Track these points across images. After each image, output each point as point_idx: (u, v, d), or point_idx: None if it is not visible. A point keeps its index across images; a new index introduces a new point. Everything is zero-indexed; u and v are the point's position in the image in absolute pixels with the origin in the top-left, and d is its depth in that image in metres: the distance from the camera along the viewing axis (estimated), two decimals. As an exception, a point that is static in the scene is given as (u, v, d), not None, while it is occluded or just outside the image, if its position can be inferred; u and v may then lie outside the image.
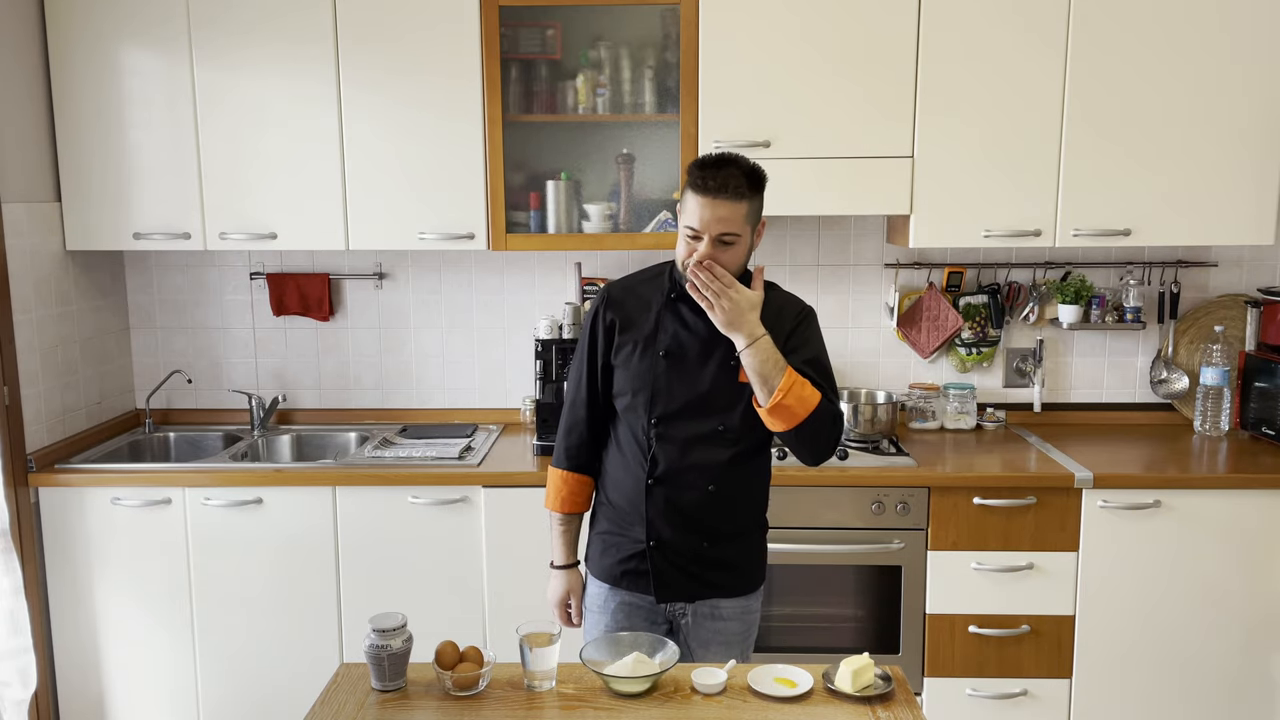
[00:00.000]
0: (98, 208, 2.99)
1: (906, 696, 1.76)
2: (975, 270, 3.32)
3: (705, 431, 2.03)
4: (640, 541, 2.08)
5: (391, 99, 2.91)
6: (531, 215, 3.06)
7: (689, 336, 2.04)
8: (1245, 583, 2.79)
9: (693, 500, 2.05)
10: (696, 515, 2.06)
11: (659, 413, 2.03)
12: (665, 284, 2.09)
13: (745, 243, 1.98)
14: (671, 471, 2.04)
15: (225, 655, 2.91)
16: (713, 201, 1.90)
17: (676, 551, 2.07)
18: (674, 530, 2.06)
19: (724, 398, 2.02)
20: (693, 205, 1.93)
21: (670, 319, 2.06)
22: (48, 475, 2.84)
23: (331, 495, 2.84)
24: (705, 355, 2.03)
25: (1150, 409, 3.37)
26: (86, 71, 2.93)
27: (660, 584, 2.08)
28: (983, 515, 2.78)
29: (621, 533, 2.11)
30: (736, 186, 1.91)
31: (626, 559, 2.10)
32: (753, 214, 1.97)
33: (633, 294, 2.11)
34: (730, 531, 2.10)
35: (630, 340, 2.07)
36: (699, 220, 1.92)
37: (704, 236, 1.92)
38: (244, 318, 3.39)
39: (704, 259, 1.92)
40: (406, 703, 1.76)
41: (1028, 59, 2.84)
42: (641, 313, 2.08)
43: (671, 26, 2.96)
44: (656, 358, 2.04)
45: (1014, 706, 2.85)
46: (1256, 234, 2.91)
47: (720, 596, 2.11)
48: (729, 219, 1.91)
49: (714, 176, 1.90)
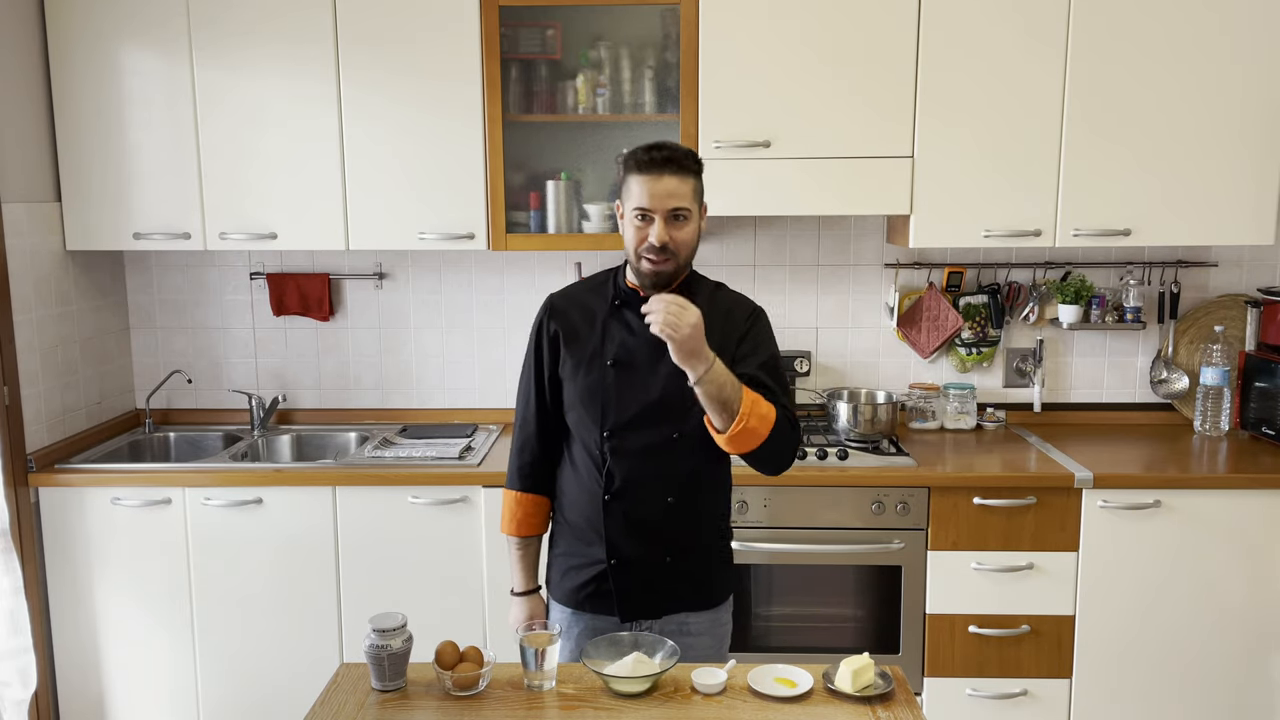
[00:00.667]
0: (98, 208, 3.00)
1: (906, 696, 1.76)
2: (975, 270, 3.32)
3: (660, 441, 1.96)
4: (601, 561, 2.00)
5: (392, 99, 2.91)
6: (531, 215, 3.06)
7: (636, 343, 1.97)
8: (1245, 583, 2.79)
9: (652, 513, 1.98)
10: (657, 529, 1.99)
11: (611, 424, 1.97)
12: (609, 291, 2.03)
13: (696, 222, 1.93)
14: (629, 485, 1.97)
15: (225, 655, 2.91)
16: (659, 177, 1.86)
17: (639, 568, 2.00)
18: (635, 546, 1.99)
19: (678, 404, 1.93)
20: (638, 186, 1.88)
21: (616, 326, 2.00)
22: (48, 475, 2.84)
23: (331, 495, 2.84)
24: (655, 361, 1.95)
25: (1150, 409, 3.37)
26: (86, 71, 2.93)
27: (624, 603, 2.01)
28: (983, 515, 2.78)
29: (581, 553, 2.04)
30: (681, 160, 1.87)
31: (588, 581, 2.03)
32: (699, 193, 1.93)
33: (576, 303, 2.05)
34: (693, 543, 2.03)
35: (576, 351, 2.01)
36: (648, 197, 1.86)
37: (655, 216, 1.87)
38: (244, 318, 3.39)
39: (661, 240, 1.87)
40: (406, 703, 1.76)
41: (1028, 59, 2.84)
42: (586, 322, 2.02)
43: (671, 26, 2.96)
44: (605, 368, 1.98)
45: (1014, 706, 2.85)
46: (1256, 234, 2.91)
47: (687, 610, 2.04)
48: (678, 192, 1.87)
49: (657, 153, 1.87)
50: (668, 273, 1.93)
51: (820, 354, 3.37)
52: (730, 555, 2.14)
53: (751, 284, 3.32)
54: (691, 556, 2.04)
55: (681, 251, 1.92)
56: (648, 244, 1.90)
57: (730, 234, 3.31)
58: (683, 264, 1.95)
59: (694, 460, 1.98)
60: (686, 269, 1.99)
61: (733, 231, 3.31)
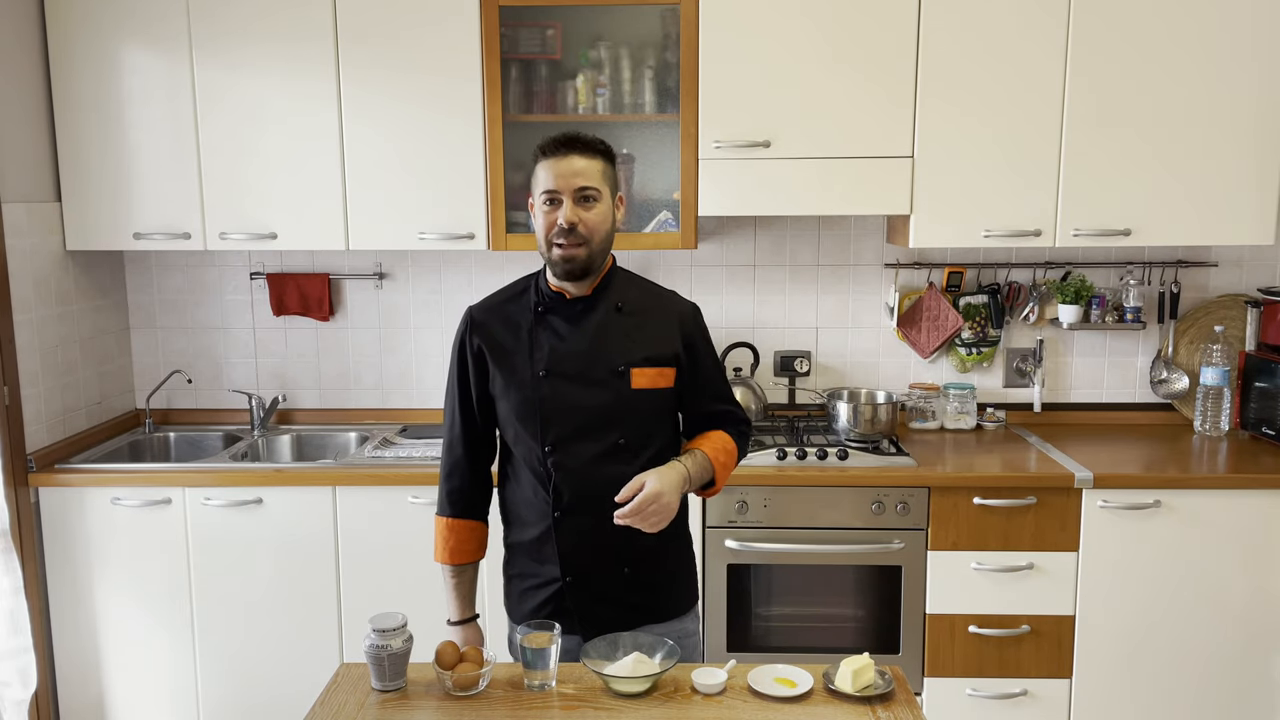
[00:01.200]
0: (98, 208, 3.00)
1: (906, 696, 1.76)
2: (975, 270, 3.32)
3: (605, 448, 1.90)
4: (556, 579, 1.94)
5: (391, 98, 2.91)
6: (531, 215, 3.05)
7: (567, 350, 1.91)
8: (1245, 583, 2.79)
9: (606, 525, 1.86)
10: (612, 540, 1.90)
11: (552, 438, 1.90)
12: (531, 298, 1.96)
13: (607, 205, 1.88)
14: (578, 498, 1.91)
15: (225, 655, 2.91)
16: (564, 158, 1.84)
17: (596, 583, 1.94)
18: (591, 560, 1.93)
19: (618, 409, 1.90)
20: (544, 171, 1.86)
21: (544, 334, 1.93)
22: (48, 475, 2.84)
23: (331, 495, 2.84)
24: (589, 368, 1.90)
25: (1150, 409, 3.37)
26: (86, 71, 2.93)
27: (585, 621, 1.94)
28: (983, 515, 2.78)
29: (535, 572, 1.98)
30: (585, 142, 1.86)
31: (545, 600, 1.97)
32: (609, 177, 1.89)
33: (498, 315, 1.98)
34: (651, 550, 1.95)
35: (505, 366, 1.94)
36: (553, 179, 1.84)
37: (562, 197, 1.83)
38: (244, 318, 3.39)
39: (569, 221, 1.82)
40: (406, 703, 1.76)
41: (1028, 59, 2.84)
42: (511, 334, 1.95)
43: (671, 26, 2.96)
44: (537, 380, 1.90)
45: (1014, 706, 2.85)
46: (1256, 234, 2.91)
47: (652, 622, 1.97)
48: (584, 171, 1.84)
49: (563, 139, 1.86)
50: (580, 259, 1.86)
51: (820, 354, 3.37)
52: (692, 560, 2.09)
53: (751, 284, 3.32)
54: (652, 565, 1.98)
55: (594, 235, 1.86)
56: (556, 227, 1.84)
57: (730, 234, 3.32)
58: (596, 249, 1.88)
59: (642, 464, 1.91)
60: (603, 258, 1.93)
61: (733, 231, 3.31)
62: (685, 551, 2.08)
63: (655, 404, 1.95)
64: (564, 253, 1.86)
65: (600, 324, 1.94)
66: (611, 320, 1.94)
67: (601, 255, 1.91)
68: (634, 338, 1.94)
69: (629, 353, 1.92)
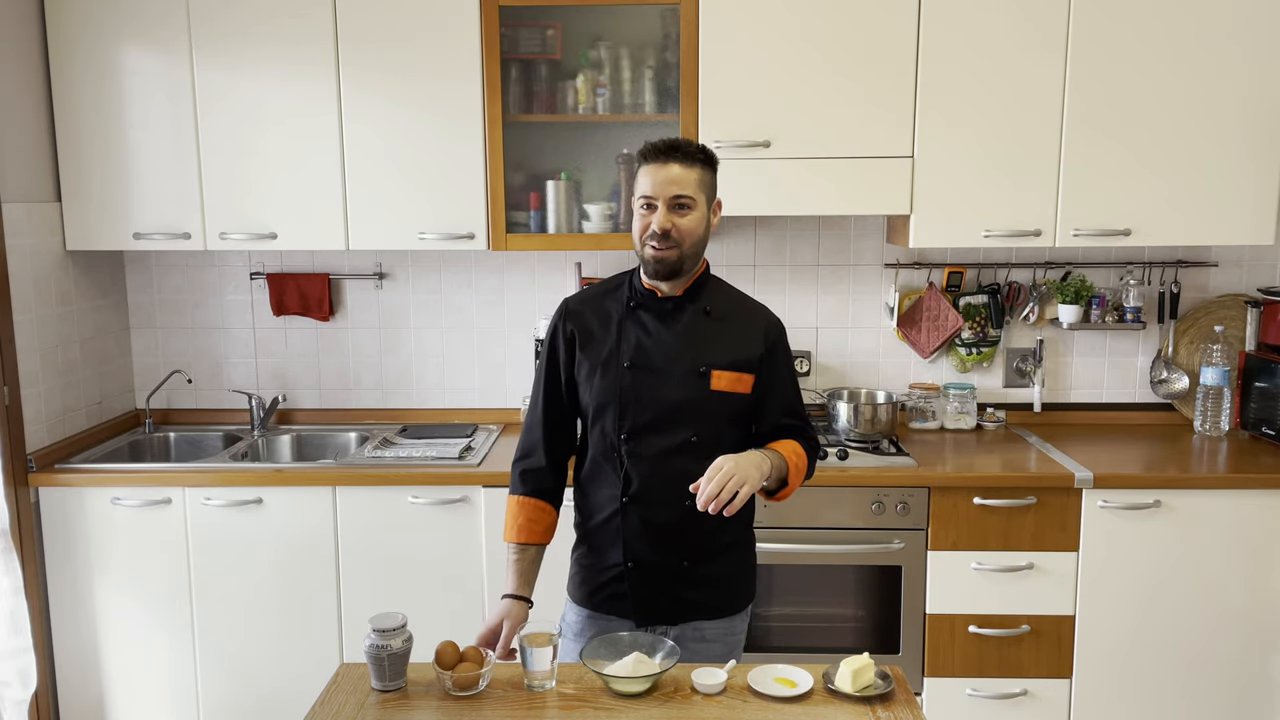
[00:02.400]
0: (98, 208, 3.00)
1: (906, 696, 1.76)
2: (975, 270, 3.32)
3: (678, 444, 1.95)
4: (618, 564, 1.99)
5: (391, 99, 2.91)
6: (531, 215, 3.06)
7: (653, 345, 1.97)
8: (1245, 583, 2.79)
9: (670, 517, 1.96)
10: (675, 532, 1.97)
11: (628, 427, 1.96)
12: (625, 294, 2.03)
13: (702, 213, 1.93)
14: (646, 488, 1.96)
15: (225, 655, 2.91)
16: (663, 165, 1.89)
17: (656, 572, 1.99)
18: (652, 549, 1.98)
19: (695, 407, 1.95)
20: (644, 177, 1.91)
21: (632, 328, 1.99)
22: (48, 475, 2.84)
23: (331, 495, 2.84)
24: (672, 364, 1.96)
25: (1150, 409, 3.37)
26: (86, 71, 2.93)
27: (640, 606, 2.00)
28: (983, 515, 2.78)
29: (599, 556, 2.03)
30: (687, 151, 1.90)
31: (604, 583, 2.02)
32: (706, 185, 1.94)
33: (592, 306, 2.04)
34: (712, 547, 2.01)
35: (593, 353, 2.00)
36: (651, 186, 1.89)
37: (658, 203, 1.89)
38: (244, 318, 3.39)
39: (662, 227, 1.88)
40: (406, 703, 1.76)
41: (1028, 59, 2.84)
42: (602, 324, 2.01)
43: (671, 26, 2.96)
44: (621, 369, 1.96)
45: (1014, 706, 2.85)
46: (1256, 234, 2.91)
47: (703, 618, 2.03)
48: (681, 180, 1.89)
49: (664, 145, 1.91)
50: (671, 260, 1.92)
51: (820, 354, 3.37)
52: (753, 561, 2.13)
53: (752, 284, 3.32)
54: (711, 561, 2.02)
55: (686, 240, 1.91)
56: (650, 230, 1.90)
57: (730, 234, 3.31)
58: (688, 253, 1.93)
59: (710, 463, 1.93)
60: (696, 262, 1.98)
61: (733, 231, 3.31)
62: (747, 553, 2.12)
63: (731, 407, 1.99)
64: (656, 254, 1.91)
65: (688, 324, 1.99)
66: (699, 322, 1.99)
67: (694, 258, 1.96)
68: (719, 341, 1.99)
69: (712, 354, 1.97)
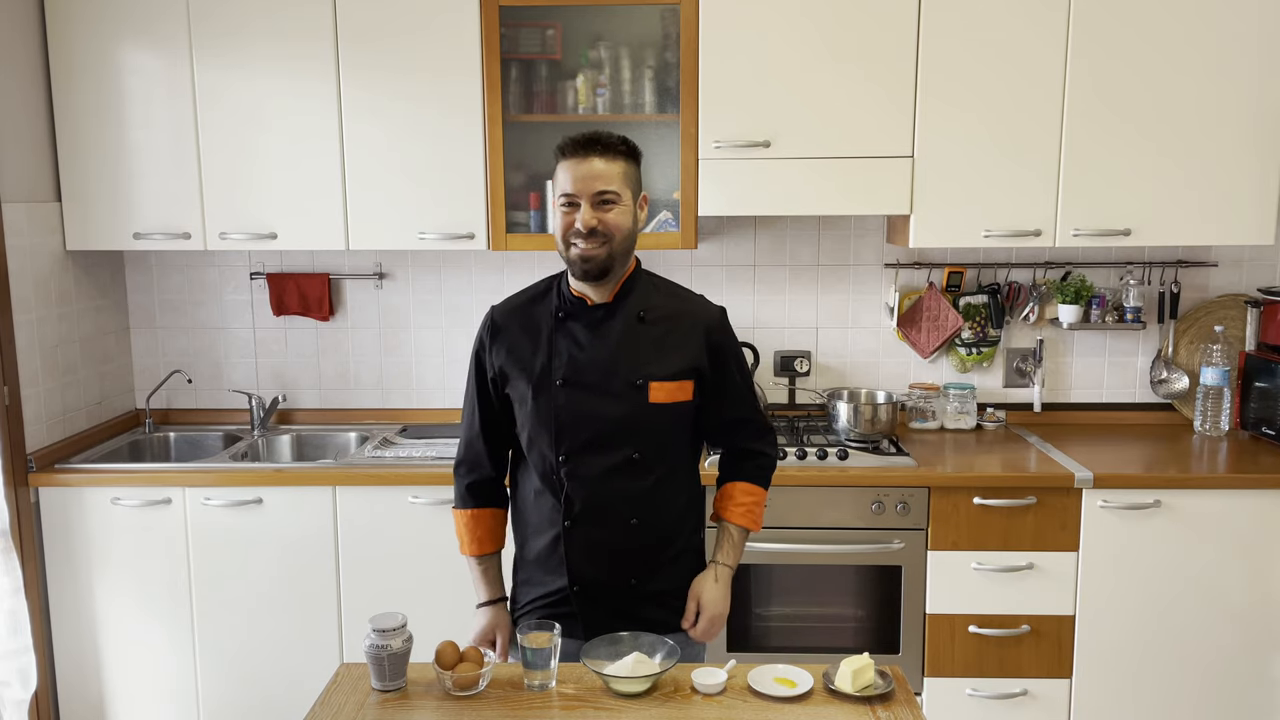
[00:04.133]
0: (98, 208, 2.99)
1: (906, 696, 1.76)
2: (975, 270, 3.32)
3: (619, 462, 1.88)
4: (563, 588, 1.94)
5: (392, 98, 2.91)
6: (531, 215, 3.05)
7: (586, 360, 1.88)
8: (1245, 583, 2.79)
9: (615, 536, 1.90)
10: (621, 552, 1.92)
11: (566, 448, 1.88)
12: (553, 301, 1.93)
13: (629, 208, 1.84)
14: (589, 510, 1.89)
15: (225, 655, 2.91)
16: (584, 160, 1.80)
17: (603, 593, 1.93)
18: (598, 571, 1.92)
19: (634, 422, 1.88)
20: (564, 173, 1.82)
21: (563, 341, 1.90)
22: (48, 475, 2.84)
23: (331, 495, 2.84)
24: (607, 379, 1.87)
25: (1150, 409, 3.37)
26: (86, 71, 2.93)
27: (589, 628, 1.92)
28: (983, 515, 2.78)
29: (543, 580, 1.97)
30: (608, 144, 1.82)
31: (550, 604, 1.96)
32: (631, 178, 1.85)
33: (519, 318, 1.95)
34: (661, 561, 1.96)
35: (523, 372, 1.90)
36: (572, 182, 1.80)
37: (580, 201, 1.80)
38: (244, 318, 3.39)
39: (587, 225, 1.79)
40: (406, 703, 1.76)
41: (1028, 59, 2.84)
42: (531, 339, 1.91)
43: (671, 26, 2.96)
44: (554, 389, 1.87)
45: (1014, 706, 2.85)
46: (1256, 234, 2.91)
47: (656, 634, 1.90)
48: (604, 174, 1.80)
49: (583, 139, 1.82)
50: (600, 259, 1.82)
51: (820, 354, 3.37)
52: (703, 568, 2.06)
53: (751, 284, 3.32)
54: (661, 576, 1.97)
55: (614, 234, 1.82)
56: (574, 229, 1.81)
57: (730, 234, 3.31)
58: (617, 250, 1.84)
59: (655, 478, 1.91)
60: (626, 260, 1.89)
61: (733, 231, 3.31)
62: (696, 561, 2.06)
63: (672, 418, 1.92)
64: (582, 251, 1.82)
65: (621, 333, 1.90)
66: (632, 330, 1.90)
67: (623, 257, 1.87)
68: (654, 349, 1.90)
69: (648, 365, 1.89)
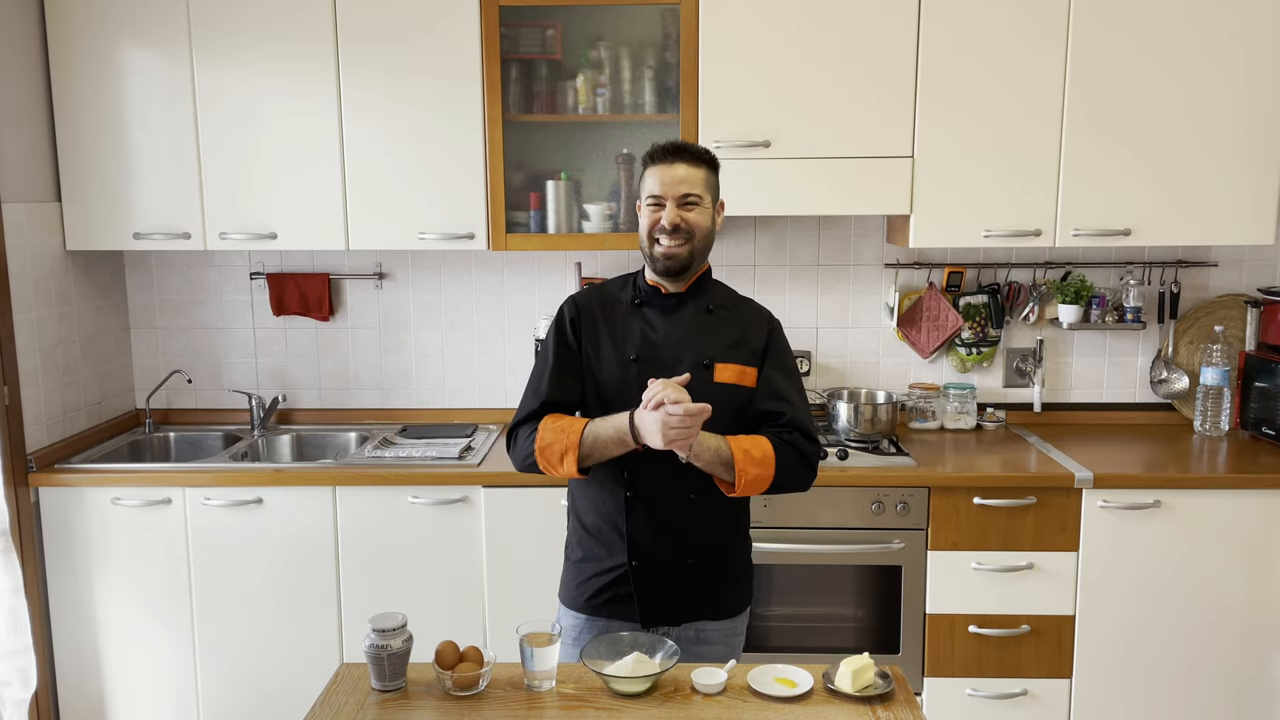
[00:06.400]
0: (98, 208, 3.00)
1: (906, 696, 1.76)
2: (975, 270, 3.32)
3: None
4: (622, 564, 1.99)
5: (391, 99, 2.91)
6: (531, 215, 3.06)
7: (658, 339, 2.01)
8: (1245, 583, 2.79)
9: (675, 511, 1.98)
10: (680, 528, 1.99)
11: None
12: (630, 291, 2.07)
13: (708, 211, 1.99)
14: (651, 482, 1.97)
15: (225, 655, 2.91)
16: (670, 166, 1.96)
17: (661, 570, 1.99)
18: (657, 545, 1.99)
19: (700, 399, 1.89)
20: (651, 177, 1.98)
21: (637, 323, 2.03)
22: (48, 475, 2.84)
23: (331, 495, 2.84)
24: (677, 357, 1.99)
25: (1150, 409, 3.37)
26: (86, 71, 2.93)
27: (645, 607, 1.99)
28: (983, 515, 2.78)
29: (600, 558, 2.02)
30: (693, 153, 1.98)
31: (607, 585, 2.01)
32: (711, 185, 2.00)
33: (599, 301, 2.07)
34: (715, 543, 2.03)
35: (599, 347, 2.02)
36: (660, 185, 1.96)
37: (667, 201, 1.95)
38: (244, 318, 3.39)
39: (672, 222, 1.94)
40: (406, 703, 1.76)
41: (1028, 59, 2.84)
42: (608, 319, 2.04)
43: (671, 26, 2.96)
44: (627, 363, 1.99)
45: (1014, 706, 2.85)
46: (1256, 234, 2.91)
47: (706, 619, 2.04)
48: (689, 179, 1.96)
49: (670, 147, 1.99)
50: (682, 256, 1.97)
51: (820, 354, 3.37)
52: (750, 561, 2.14)
53: (751, 284, 3.32)
54: (714, 559, 2.03)
55: (696, 233, 1.97)
56: (660, 225, 1.96)
57: (730, 234, 3.31)
58: (698, 248, 1.98)
59: None
60: (704, 260, 2.04)
61: (733, 231, 3.31)
62: (746, 551, 2.13)
63: (736, 401, 2.00)
64: (665, 249, 1.96)
65: (691, 319, 2.03)
66: (702, 317, 2.03)
67: (701, 255, 2.01)
68: (722, 335, 2.02)
69: (715, 347, 2.00)
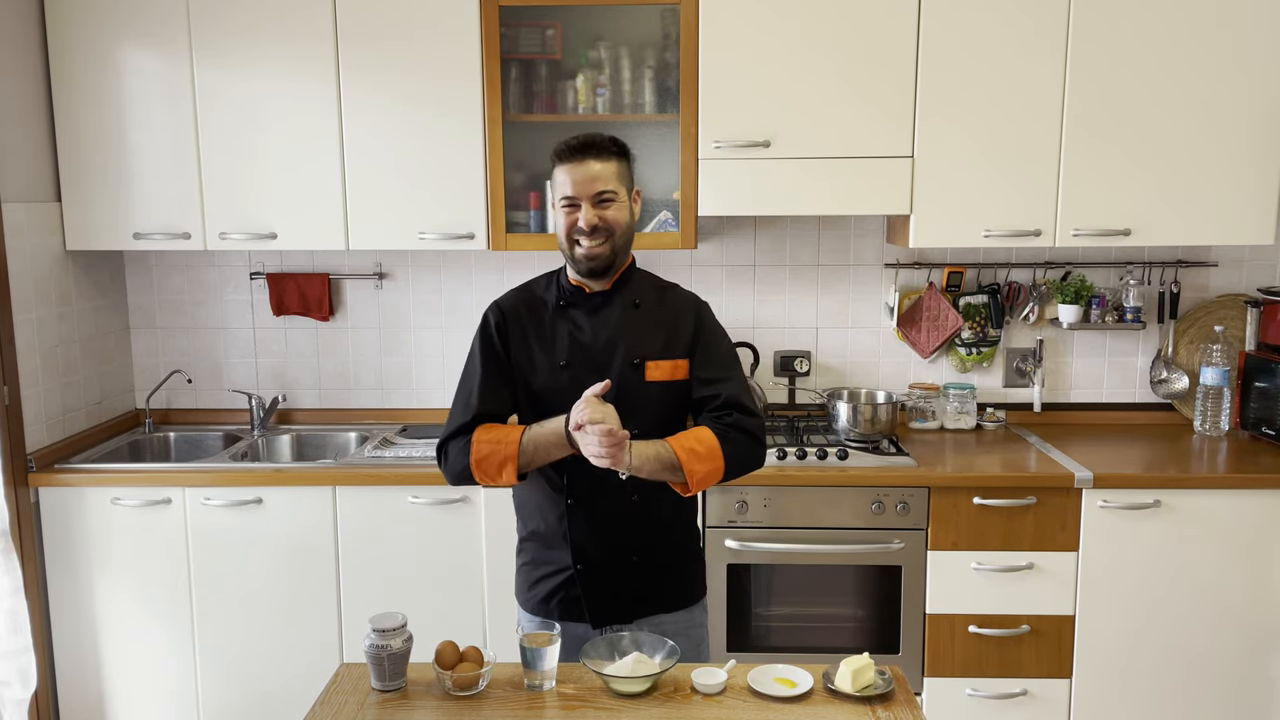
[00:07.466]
0: (98, 208, 3.00)
1: (906, 696, 1.76)
2: (975, 270, 3.32)
3: None
4: (567, 567, 1.98)
5: (391, 99, 2.91)
6: (531, 215, 3.05)
7: (586, 342, 1.97)
8: (1245, 583, 2.79)
9: (617, 514, 1.96)
10: (622, 529, 1.98)
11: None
12: (554, 293, 2.02)
13: (625, 205, 1.95)
14: (590, 487, 1.94)
15: (225, 655, 2.91)
16: (581, 163, 1.90)
17: (606, 571, 1.98)
18: (601, 548, 1.97)
19: (633, 400, 1.91)
20: (562, 176, 1.92)
21: (564, 327, 1.99)
22: (48, 475, 2.84)
23: (331, 495, 2.84)
24: (607, 359, 1.95)
25: (1150, 409, 3.37)
26: (86, 71, 2.93)
27: (594, 608, 1.99)
28: (983, 515, 2.78)
29: (546, 560, 2.02)
30: (600, 145, 1.92)
31: (556, 588, 2.00)
32: (624, 176, 1.95)
33: (523, 306, 2.02)
34: (660, 541, 2.02)
35: (527, 355, 1.98)
36: (572, 185, 1.90)
37: (581, 201, 1.90)
38: (244, 318, 3.39)
39: (590, 224, 1.89)
40: (406, 703, 1.76)
41: (1028, 59, 2.84)
42: (534, 326, 2.00)
43: (671, 26, 2.96)
44: (557, 369, 1.96)
45: (1014, 706, 2.85)
46: (1256, 234, 2.91)
47: (661, 612, 2.02)
48: (602, 175, 1.90)
49: (577, 144, 1.91)
50: (604, 256, 1.92)
51: (820, 354, 3.37)
52: (700, 551, 2.13)
53: (751, 284, 3.32)
54: (659, 555, 2.02)
55: (615, 230, 1.92)
56: (577, 226, 1.90)
57: (730, 234, 3.31)
58: (619, 244, 1.94)
59: None
60: (626, 254, 1.99)
61: (733, 231, 3.31)
62: (692, 543, 2.11)
63: (670, 397, 1.98)
64: (586, 250, 1.92)
65: (618, 318, 1.99)
66: (629, 315, 1.99)
67: (624, 251, 1.97)
68: (650, 332, 1.99)
69: (644, 346, 1.97)
